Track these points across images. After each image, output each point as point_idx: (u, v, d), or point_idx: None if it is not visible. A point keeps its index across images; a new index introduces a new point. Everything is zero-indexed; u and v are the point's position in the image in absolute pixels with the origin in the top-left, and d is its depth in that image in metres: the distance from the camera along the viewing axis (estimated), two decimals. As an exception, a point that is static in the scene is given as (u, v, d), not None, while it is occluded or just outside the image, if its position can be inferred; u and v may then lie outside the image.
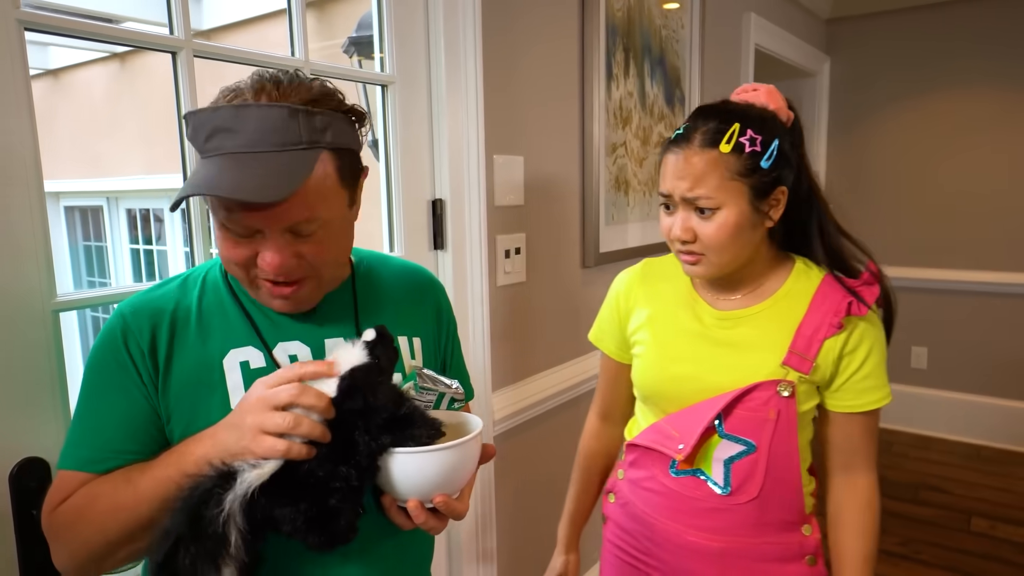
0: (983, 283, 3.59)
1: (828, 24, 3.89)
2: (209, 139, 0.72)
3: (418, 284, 1.00)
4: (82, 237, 5.74)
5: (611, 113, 2.07)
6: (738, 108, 1.00)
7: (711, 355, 1.05)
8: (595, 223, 2.02)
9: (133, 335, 0.78)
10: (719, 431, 1.02)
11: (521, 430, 1.80)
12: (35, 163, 0.93)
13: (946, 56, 3.59)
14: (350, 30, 2.04)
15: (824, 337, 0.99)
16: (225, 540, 0.64)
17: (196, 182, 0.71)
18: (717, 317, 1.06)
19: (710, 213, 0.97)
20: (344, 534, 0.71)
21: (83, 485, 0.76)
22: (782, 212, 1.01)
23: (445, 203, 1.55)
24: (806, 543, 1.06)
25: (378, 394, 0.71)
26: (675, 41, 2.40)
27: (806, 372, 0.99)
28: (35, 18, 0.91)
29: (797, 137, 1.03)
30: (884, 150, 3.82)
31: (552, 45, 1.81)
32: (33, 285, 0.93)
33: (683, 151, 0.98)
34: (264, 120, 0.71)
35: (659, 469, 1.09)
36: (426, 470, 0.73)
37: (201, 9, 4.21)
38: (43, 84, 5.29)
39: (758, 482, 1.01)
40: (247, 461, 0.68)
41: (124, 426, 0.77)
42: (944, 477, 3.30)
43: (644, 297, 1.16)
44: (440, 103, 1.52)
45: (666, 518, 1.08)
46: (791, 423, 1.00)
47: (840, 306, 0.99)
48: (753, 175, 0.96)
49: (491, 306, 1.65)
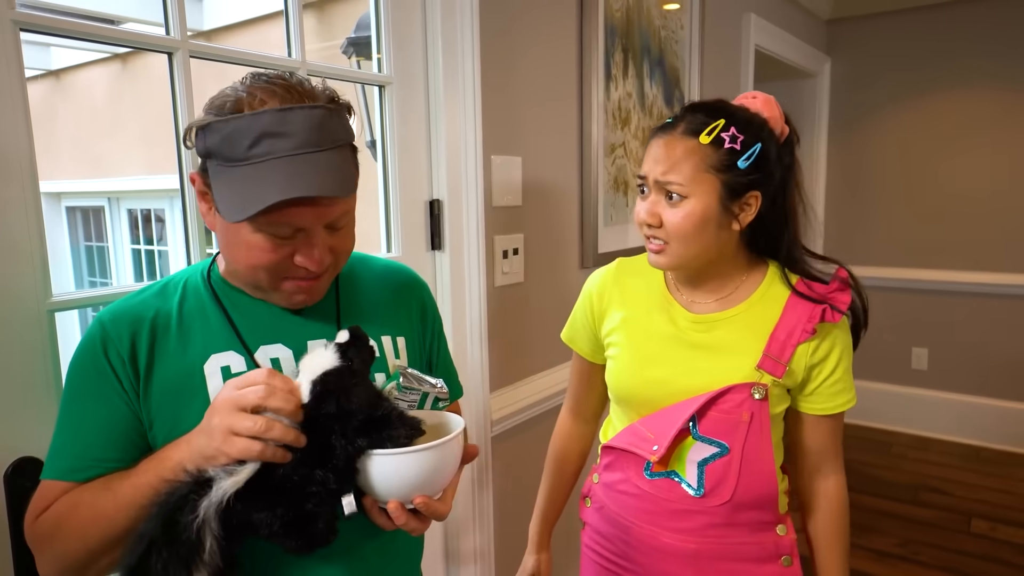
0: (984, 284, 3.58)
1: (829, 25, 3.89)
2: (255, 145, 0.72)
3: (401, 283, 1.00)
4: (83, 237, 5.74)
5: (610, 114, 2.07)
6: (728, 107, 1.01)
7: (685, 358, 1.05)
8: (593, 224, 2.02)
9: (113, 343, 0.78)
10: (693, 433, 1.03)
11: (519, 431, 1.80)
12: (30, 163, 0.93)
13: (947, 56, 3.58)
14: (349, 31, 2.04)
15: (797, 342, 1.01)
16: (199, 546, 0.64)
17: (279, 186, 0.70)
18: (692, 320, 1.07)
19: (678, 200, 0.98)
20: (322, 537, 0.71)
21: (64, 494, 0.76)
22: (752, 218, 1.00)
23: (442, 204, 1.55)
24: (781, 543, 1.07)
25: (352, 397, 0.70)
26: (674, 42, 2.40)
27: (779, 376, 1.01)
28: (30, 19, 0.91)
29: (787, 151, 1.03)
30: (885, 150, 3.81)
31: (550, 46, 1.81)
32: (28, 285, 0.93)
33: (666, 136, 1.00)
34: (310, 120, 0.73)
35: (634, 471, 1.10)
36: (405, 471, 0.72)
37: (202, 10, 4.22)
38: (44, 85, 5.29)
39: (731, 484, 1.01)
40: (223, 468, 0.67)
41: (105, 434, 0.77)
42: (944, 478, 3.29)
43: (618, 298, 1.15)
44: (438, 104, 1.52)
45: (641, 521, 1.09)
46: (764, 425, 1.01)
47: (814, 312, 1.00)
48: (727, 172, 0.96)
49: (489, 306, 1.65)
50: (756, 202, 1.00)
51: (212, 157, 0.75)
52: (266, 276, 0.79)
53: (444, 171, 1.54)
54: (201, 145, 0.75)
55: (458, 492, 1.60)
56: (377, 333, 0.91)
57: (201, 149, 0.76)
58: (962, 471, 3.36)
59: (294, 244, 0.76)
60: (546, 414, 1.88)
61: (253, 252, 0.76)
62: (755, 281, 1.07)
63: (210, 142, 0.74)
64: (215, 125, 0.73)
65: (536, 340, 1.85)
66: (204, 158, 0.77)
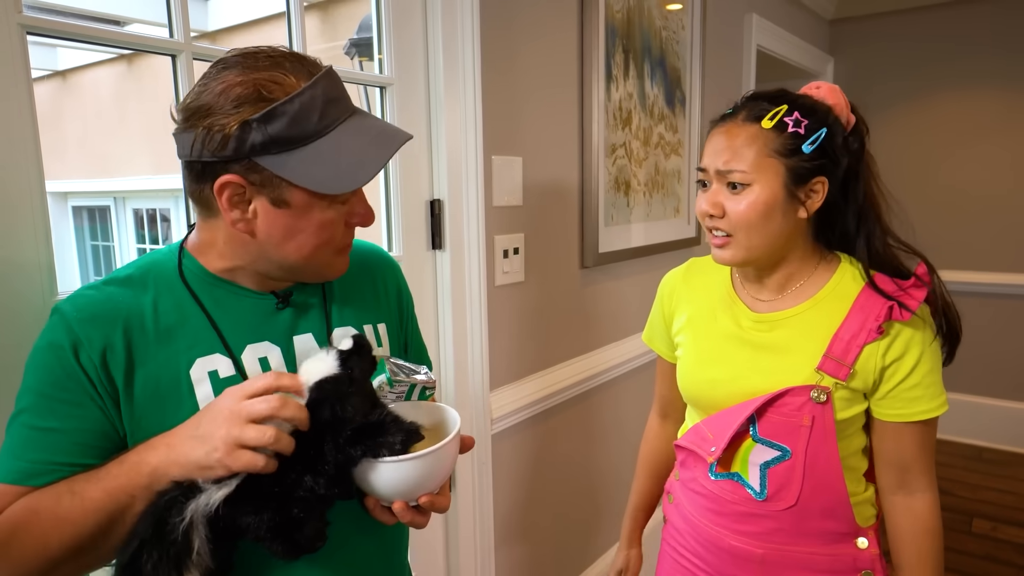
0: (988, 284, 3.58)
1: (832, 25, 3.89)
2: (325, 113, 0.72)
3: (376, 267, 0.98)
4: (89, 237, 5.79)
5: (610, 114, 2.08)
6: (790, 94, 0.99)
7: (746, 359, 1.03)
8: (594, 224, 2.03)
9: (83, 346, 0.72)
10: (753, 435, 1.01)
11: (519, 429, 1.81)
12: (37, 164, 0.95)
13: (950, 57, 3.58)
14: (352, 32, 2.06)
15: (864, 343, 0.95)
16: (188, 547, 0.64)
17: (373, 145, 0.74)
18: (754, 320, 1.04)
19: (741, 189, 0.95)
20: (309, 543, 0.70)
21: (18, 498, 0.70)
22: (819, 205, 0.97)
23: (443, 203, 1.57)
24: (860, 557, 1.02)
25: (347, 405, 0.70)
26: (675, 42, 2.40)
27: (843, 378, 0.95)
28: (36, 22, 0.93)
29: (856, 138, 1.01)
30: (888, 150, 3.81)
31: (551, 47, 1.83)
32: (34, 283, 0.95)
33: (726, 125, 0.98)
34: (340, 81, 0.76)
35: (700, 471, 1.09)
36: (409, 475, 0.73)
37: (207, 11, 4.24)
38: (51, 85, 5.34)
39: (795, 489, 0.98)
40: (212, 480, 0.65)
41: (72, 439, 0.71)
42: (946, 479, 3.29)
43: (686, 298, 1.16)
44: (438, 104, 1.54)
45: (709, 521, 1.07)
46: (827, 430, 0.96)
47: (881, 310, 0.95)
48: (792, 156, 0.94)
49: (489, 305, 1.67)
50: (823, 188, 0.96)
51: (272, 147, 0.70)
52: (330, 252, 0.79)
53: (445, 171, 1.55)
54: (258, 137, 0.69)
55: (458, 490, 1.62)
56: (360, 322, 0.91)
57: (255, 142, 0.69)
58: (965, 471, 3.36)
59: (346, 208, 0.78)
60: (546, 412, 1.90)
61: (326, 229, 0.76)
62: (824, 276, 1.02)
63: (274, 129, 0.69)
64: (280, 108, 0.69)
65: (536, 339, 1.87)
66: (253, 155, 0.70)
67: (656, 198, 2.37)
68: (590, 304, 2.07)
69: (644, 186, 2.30)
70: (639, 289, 2.30)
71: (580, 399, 2.02)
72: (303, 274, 0.82)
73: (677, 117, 2.45)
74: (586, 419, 2.07)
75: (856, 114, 1.02)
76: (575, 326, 2.01)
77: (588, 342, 2.07)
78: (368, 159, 0.73)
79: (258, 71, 0.71)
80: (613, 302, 2.18)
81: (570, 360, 1.99)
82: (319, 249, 0.78)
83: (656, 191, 2.36)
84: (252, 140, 0.70)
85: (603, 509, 2.18)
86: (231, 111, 0.69)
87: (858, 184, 1.00)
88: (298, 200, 0.74)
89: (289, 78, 0.72)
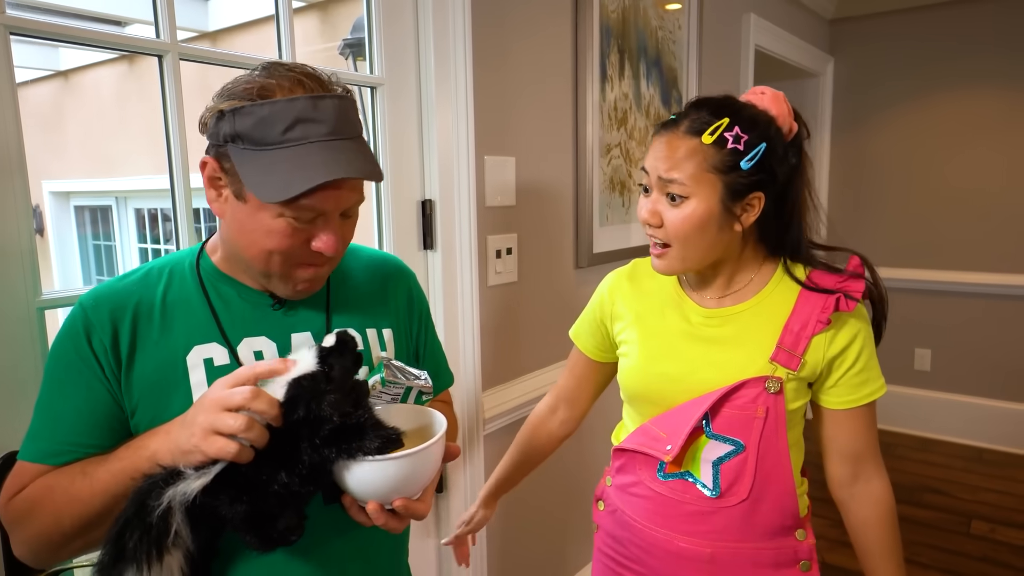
0: (988, 285, 3.56)
1: (832, 24, 3.88)
2: (290, 129, 0.74)
3: (389, 274, 1.01)
4: (91, 236, 5.80)
5: (605, 114, 2.07)
6: (733, 104, 0.99)
7: (698, 353, 1.04)
8: (588, 224, 2.03)
9: (95, 330, 0.78)
10: (707, 431, 1.01)
11: (511, 429, 1.80)
12: (20, 163, 0.95)
13: (951, 56, 3.57)
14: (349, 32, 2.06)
15: (812, 333, 0.98)
16: (166, 529, 0.65)
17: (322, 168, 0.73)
18: (704, 315, 1.05)
19: (680, 201, 0.96)
20: (282, 537, 0.71)
21: (40, 476, 0.77)
22: (754, 219, 0.99)
23: (434, 204, 1.57)
24: (800, 548, 1.04)
25: (323, 403, 0.70)
26: (672, 42, 2.40)
27: (794, 369, 0.98)
28: (20, 22, 0.93)
29: (794, 150, 1.01)
30: (888, 150, 3.80)
31: (545, 47, 1.82)
32: (18, 283, 0.95)
33: (669, 133, 0.98)
34: (337, 109, 0.77)
35: (647, 473, 1.08)
36: (384, 476, 0.72)
37: (207, 11, 4.25)
38: (53, 85, 5.35)
39: (747, 483, 0.99)
40: (194, 467, 0.68)
41: (84, 420, 0.77)
42: (945, 480, 3.28)
43: (631, 296, 1.15)
44: (429, 105, 1.53)
45: (655, 524, 1.07)
46: (779, 420, 0.99)
47: (828, 302, 0.98)
48: (730, 173, 0.95)
49: (481, 306, 1.67)
50: (759, 203, 0.98)
51: (239, 141, 0.75)
52: (280, 262, 0.80)
53: (436, 171, 1.55)
54: (227, 128, 0.75)
55: (450, 491, 1.61)
56: (363, 325, 0.92)
57: (226, 132, 0.75)
58: (964, 472, 3.34)
59: (309, 230, 0.78)
60: (540, 413, 1.89)
61: (272, 237, 0.77)
62: (766, 275, 1.05)
63: (240, 125, 0.74)
64: (248, 108, 0.74)
65: (529, 339, 1.86)
66: (226, 143, 0.76)
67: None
68: (584, 305, 2.06)
69: (640, 186, 2.29)
70: (634, 289, 2.29)
71: (574, 399, 2.01)
72: (261, 277, 0.83)
73: (673, 117, 2.44)
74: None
75: (799, 121, 1.02)
76: (569, 327, 2.00)
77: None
78: (301, 180, 0.73)
79: (272, 77, 0.77)
80: (608, 302, 2.18)
81: (563, 361, 1.98)
82: (269, 255, 0.79)
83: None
84: (223, 129, 0.76)
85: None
86: (225, 100, 0.76)
87: (790, 194, 1.01)
88: (252, 199, 0.77)
89: (295, 89, 0.76)
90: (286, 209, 0.76)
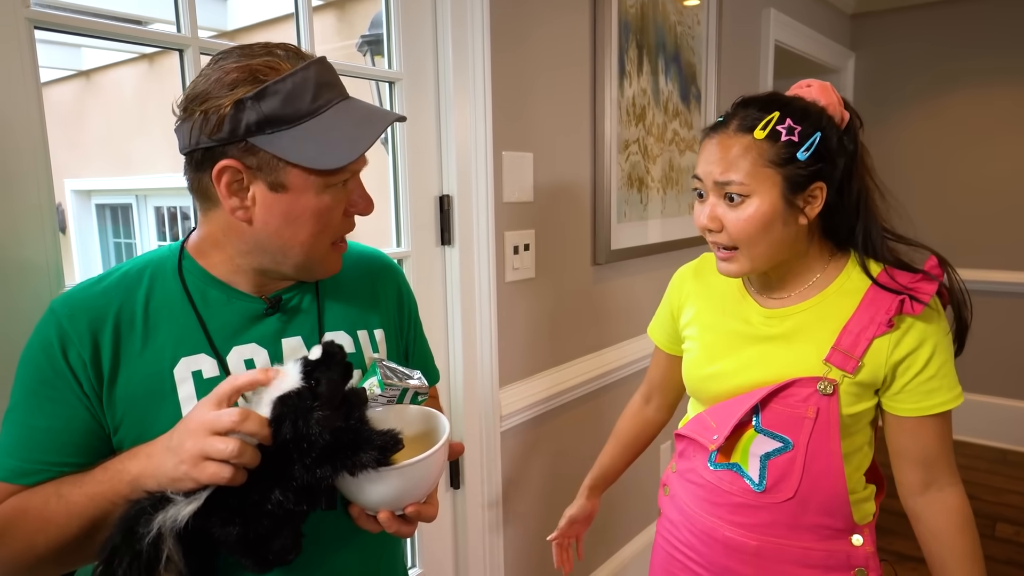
0: (1013, 283, 3.50)
1: (853, 19, 3.83)
2: (318, 96, 0.74)
3: (377, 272, 0.98)
4: (112, 234, 5.87)
5: (624, 110, 2.06)
6: (781, 98, 0.97)
7: (754, 353, 1.03)
8: (607, 220, 2.02)
9: (73, 343, 0.73)
10: (755, 426, 1.00)
11: (529, 426, 1.80)
12: (44, 160, 0.95)
13: (976, 51, 3.50)
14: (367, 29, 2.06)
15: (873, 336, 0.94)
16: (157, 556, 0.63)
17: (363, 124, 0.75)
18: (764, 315, 1.04)
19: (740, 200, 0.94)
20: (278, 557, 0.69)
21: (10, 496, 0.71)
22: (819, 210, 0.96)
23: (452, 199, 1.56)
24: (855, 554, 1.01)
25: (310, 422, 0.66)
26: (691, 38, 2.38)
27: (850, 371, 0.94)
28: (44, 16, 0.94)
29: (849, 137, 0.99)
30: (911, 147, 3.74)
31: (563, 43, 1.81)
32: (42, 279, 0.95)
33: (718, 135, 0.96)
34: (333, 70, 0.78)
35: (700, 461, 1.09)
36: (394, 486, 0.71)
37: (226, 10, 4.29)
38: (76, 85, 5.42)
39: (794, 482, 0.98)
40: (182, 492, 0.65)
41: (59, 438, 0.72)
42: (969, 482, 3.21)
43: (695, 293, 1.16)
44: (448, 100, 1.53)
45: (704, 512, 1.07)
46: (831, 424, 0.95)
47: (892, 304, 0.94)
48: (788, 165, 0.92)
49: (498, 302, 1.66)
50: (822, 193, 0.95)
51: (266, 126, 0.71)
52: (326, 241, 0.79)
53: (454, 167, 1.55)
54: (252, 116, 0.70)
55: (467, 487, 1.61)
56: (354, 327, 0.89)
57: (250, 121, 0.71)
58: (988, 474, 3.29)
59: (346, 197, 0.79)
60: (557, 410, 1.89)
61: (323, 216, 0.76)
62: (833, 273, 1.01)
63: (268, 107, 0.70)
64: (272, 87, 0.71)
65: (547, 336, 1.86)
66: (248, 134, 0.71)
67: (671, 195, 2.34)
68: (602, 301, 2.06)
69: (658, 182, 2.27)
70: (652, 286, 2.28)
71: (591, 397, 2.01)
72: (298, 268, 0.81)
73: (692, 113, 2.43)
74: (597, 417, 2.06)
75: (849, 109, 1.00)
76: (586, 323, 2.00)
77: (600, 340, 2.05)
78: (359, 136, 0.74)
79: (253, 58, 0.74)
80: (625, 299, 2.17)
81: (581, 358, 1.98)
82: (316, 237, 0.77)
83: (671, 187, 2.34)
84: (247, 119, 0.71)
85: (614, 509, 2.16)
86: (227, 93, 0.71)
87: (852, 182, 0.99)
88: (294, 182, 0.74)
89: (283, 64, 0.74)
90: (332, 179, 0.75)
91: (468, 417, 1.62)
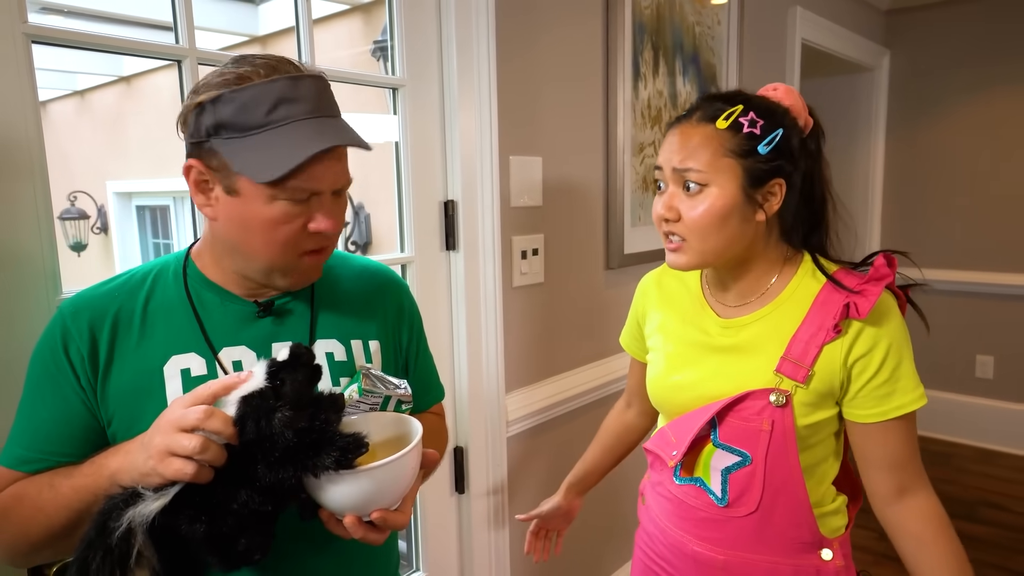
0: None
1: (887, 15, 3.72)
2: (274, 110, 0.74)
3: (378, 285, 0.99)
4: (151, 235, 6.04)
5: (638, 112, 2.04)
6: (745, 94, 0.97)
7: (712, 364, 1.02)
8: (620, 224, 1.99)
9: (73, 339, 0.78)
10: (713, 440, 0.99)
11: (535, 433, 1.79)
12: (41, 167, 0.98)
13: (1017, 47, 3.37)
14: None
15: (823, 343, 0.92)
16: (128, 551, 0.64)
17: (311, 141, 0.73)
18: (721, 325, 1.02)
19: (698, 190, 0.92)
20: (244, 556, 0.69)
21: (14, 482, 0.77)
22: (777, 207, 0.94)
23: (457, 204, 1.56)
24: (824, 569, 0.99)
25: (273, 421, 0.67)
26: (710, 38, 2.34)
27: (801, 380, 0.92)
28: (41, 31, 0.96)
29: (812, 142, 0.98)
30: (948, 147, 3.62)
31: (574, 46, 1.80)
32: (39, 283, 0.98)
33: (681, 125, 0.96)
34: (316, 88, 0.78)
35: (666, 475, 1.08)
36: (358, 489, 0.70)
37: (257, 16, 4.37)
38: (117, 90, 5.59)
39: (755, 495, 0.96)
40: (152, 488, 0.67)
41: (59, 429, 0.78)
42: (1006, 494, 3.10)
43: (657, 301, 1.15)
44: (452, 106, 1.53)
45: (674, 525, 1.07)
46: (787, 435, 0.94)
47: (837, 309, 0.92)
48: (748, 157, 0.91)
49: (505, 307, 1.65)
50: (781, 190, 0.94)
51: (222, 131, 0.74)
52: (284, 253, 0.78)
53: (459, 172, 1.55)
54: (209, 120, 0.74)
55: (472, 493, 1.61)
56: (348, 336, 0.90)
57: (207, 125, 0.74)
58: None
59: (306, 213, 0.78)
60: (566, 416, 1.87)
61: (273, 227, 0.76)
62: (786, 278, 1.00)
63: (222, 114, 0.74)
64: (228, 95, 0.73)
65: (557, 341, 1.84)
66: (208, 137, 0.75)
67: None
68: (614, 307, 2.03)
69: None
70: (669, 291, 2.24)
71: (599, 404, 1.98)
72: (265, 274, 0.82)
73: (712, 114, 2.38)
74: (610, 423, 2.03)
75: (813, 116, 0.99)
76: (597, 329, 1.98)
77: (610, 346, 2.03)
78: (297, 155, 0.73)
79: (239, 67, 0.76)
80: (640, 304, 2.14)
81: (590, 364, 1.96)
82: (270, 247, 0.78)
83: (688, 191, 2.30)
84: (205, 122, 0.75)
85: (619, 518, 2.13)
86: (200, 96, 0.75)
87: (814, 187, 0.98)
88: (244, 189, 0.76)
89: (257, 76, 0.75)
90: (279, 191, 0.75)
91: (474, 422, 1.62)
